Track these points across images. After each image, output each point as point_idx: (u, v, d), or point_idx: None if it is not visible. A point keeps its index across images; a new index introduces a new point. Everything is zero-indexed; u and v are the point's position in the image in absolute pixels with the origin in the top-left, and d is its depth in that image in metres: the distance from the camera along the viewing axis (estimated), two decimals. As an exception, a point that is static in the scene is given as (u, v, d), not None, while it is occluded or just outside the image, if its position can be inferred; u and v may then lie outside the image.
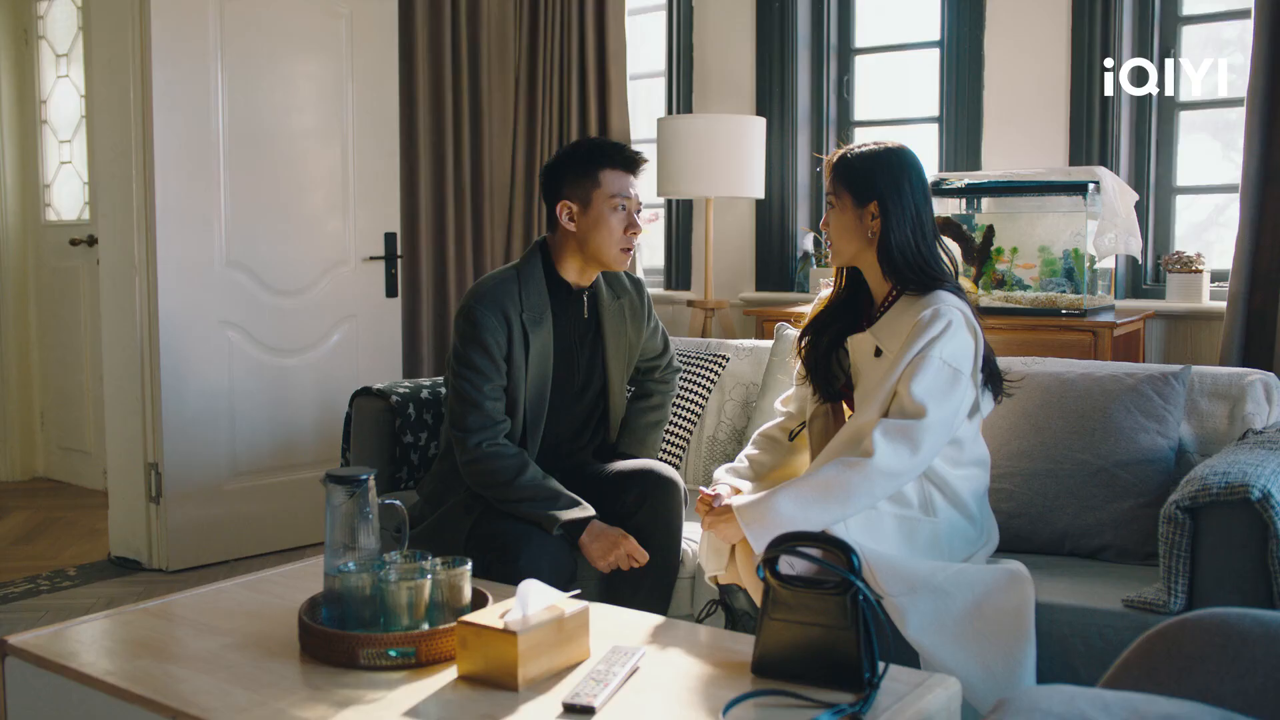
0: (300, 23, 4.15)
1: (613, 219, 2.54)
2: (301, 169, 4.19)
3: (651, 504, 2.49)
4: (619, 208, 2.54)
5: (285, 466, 4.16)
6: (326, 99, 4.25)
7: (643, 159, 2.60)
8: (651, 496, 2.50)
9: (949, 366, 2.15)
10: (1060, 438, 2.49)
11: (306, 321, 4.21)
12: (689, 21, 4.62)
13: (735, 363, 3.19)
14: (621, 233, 2.55)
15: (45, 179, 5.38)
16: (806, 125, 4.45)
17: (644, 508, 2.49)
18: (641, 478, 2.53)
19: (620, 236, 2.55)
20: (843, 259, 2.35)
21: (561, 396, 2.61)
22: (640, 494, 2.50)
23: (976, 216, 3.56)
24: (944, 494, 2.24)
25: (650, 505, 2.49)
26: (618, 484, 2.54)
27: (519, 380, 2.51)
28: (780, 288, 4.44)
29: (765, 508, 2.10)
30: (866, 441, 2.11)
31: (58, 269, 5.28)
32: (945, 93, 4.13)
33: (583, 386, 2.66)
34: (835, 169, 2.32)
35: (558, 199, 2.55)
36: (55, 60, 5.33)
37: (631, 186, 2.58)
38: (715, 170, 4.08)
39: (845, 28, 4.48)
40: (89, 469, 5.17)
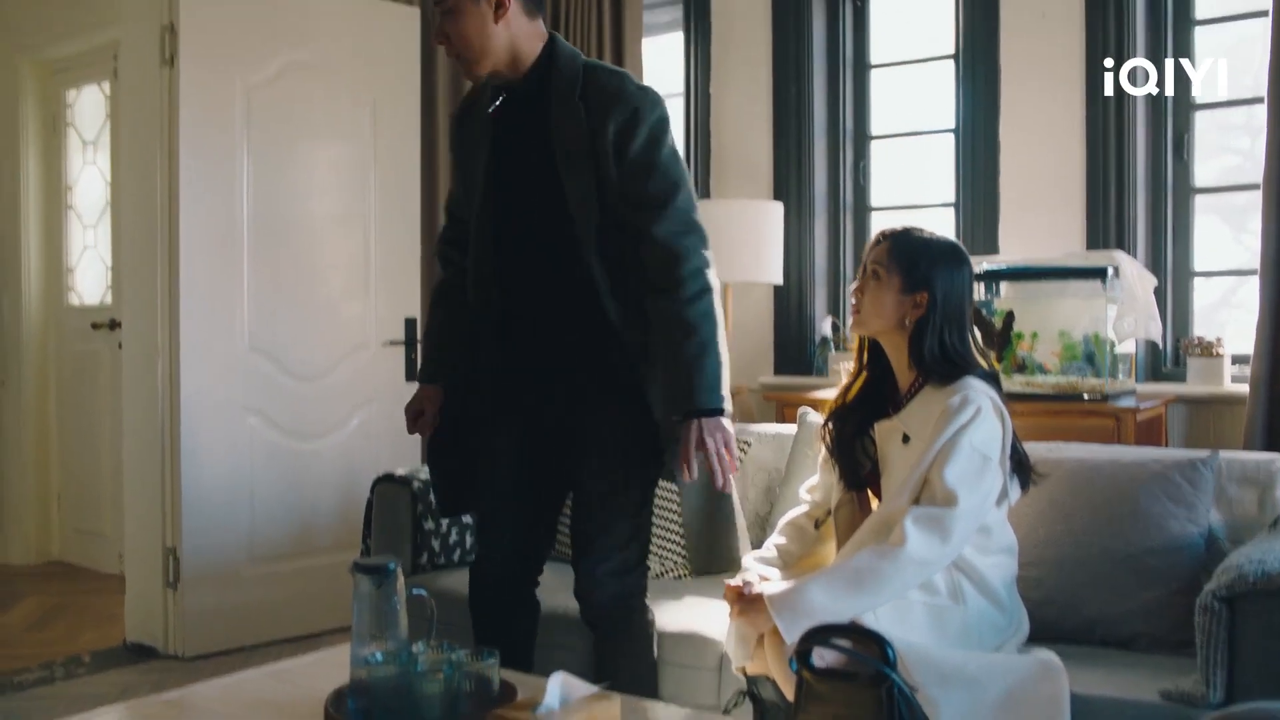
0: (325, 110, 4.22)
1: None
2: (323, 254, 4.23)
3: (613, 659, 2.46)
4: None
5: (304, 552, 4.14)
6: (349, 184, 4.30)
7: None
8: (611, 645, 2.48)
9: (979, 453, 2.15)
10: (1088, 524, 2.47)
11: (326, 406, 4.22)
12: (707, 107, 4.69)
13: (758, 448, 3.18)
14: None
15: (69, 263, 5.44)
16: (824, 210, 4.49)
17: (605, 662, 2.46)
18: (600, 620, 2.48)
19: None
20: (867, 330, 2.34)
21: (503, 206, 2.46)
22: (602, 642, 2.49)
23: (995, 301, 3.57)
24: (973, 582, 2.22)
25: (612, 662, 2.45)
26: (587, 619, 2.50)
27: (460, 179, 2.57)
28: (799, 372, 4.44)
29: (796, 597, 2.08)
30: (898, 530, 2.10)
31: (79, 352, 5.31)
32: (961, 178, 4.17)
33: (525, 193, 2.45)
34: (894, 244, 2.31)
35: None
36: (82, 147, 5.41)
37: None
38: (733, 255, 4.10)
39: (861, 114, 4.54)
40: (105, 553, 5.15)
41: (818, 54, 4.46)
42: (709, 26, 4.67)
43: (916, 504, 2.15)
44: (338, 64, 4.22)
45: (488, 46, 2.35)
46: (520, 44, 2.38)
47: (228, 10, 3.93)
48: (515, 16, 2.35)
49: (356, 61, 4.27)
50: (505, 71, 2.39)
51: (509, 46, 2.36)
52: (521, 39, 2.37)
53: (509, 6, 2.33)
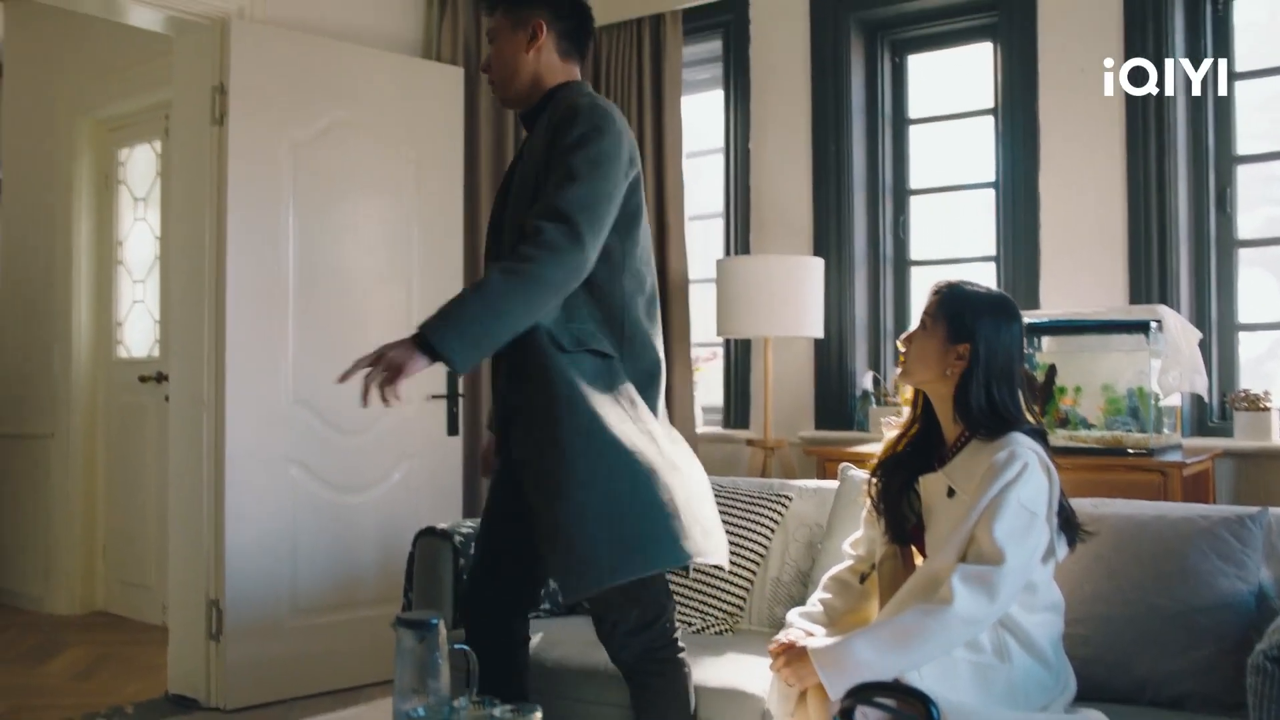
0: (369, 167, 4.29)
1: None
2: (367, 308, 4.28)
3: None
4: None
5: (346, 604, 4.15)
6: (393, 239, 4.36)
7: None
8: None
9: (1026, 510, 2.14)
10: (1135, 581, 2.44)
11: (369, 459, 4.25)
12: (746, 163, 4.72)
13: (799, 503, 3.17)
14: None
15: (118, 317, 5.54)
16: (864, 265, 4.50)
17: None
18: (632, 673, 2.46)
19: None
20: (913, 380, 2.35)
21: (495, 235, 2.58)
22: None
23: (1037, 355, 3.55)
24: (1019, 640, 2.20)
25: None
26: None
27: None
28: (840, 426, 4.43)
29: (842, 652, 2.07)
30: (944, 587, 2.08)
31: (126, 404, 5.39)
32: (1001, 232, 4.16)
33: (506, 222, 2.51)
34: (943, 296, 2.33)
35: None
36: (133, 204, 5.53)
37: (488, 27, 2.63)
38: (773, 310, 4.12)
39: (900, 169, 4.56)
40: (149, 604, 5.19)
41: (856, 110, 4.49)
42: (748, 84, 4.71)
43: (963, 561, 2.14)
44: (382, 122, 4.29)
45: (517, 73, 2.52)
46: (544, 78, 2.52)
47: (275, 71, 4.02)
48: (547, 51, 2.52)
49: (400, 119, 4.34)
50: (526, 102, 2.55)
51: (534, 77, 2.52)
52: (546, 73, 2.52)
53: (541, 38, 2.51)
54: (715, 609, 3.05)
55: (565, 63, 2.55)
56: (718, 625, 3.04)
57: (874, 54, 4.55)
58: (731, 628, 3.05)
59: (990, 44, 4.28)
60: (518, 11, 2.53)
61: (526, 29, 2.51)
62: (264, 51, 3.98)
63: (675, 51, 4.72)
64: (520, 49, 2.51)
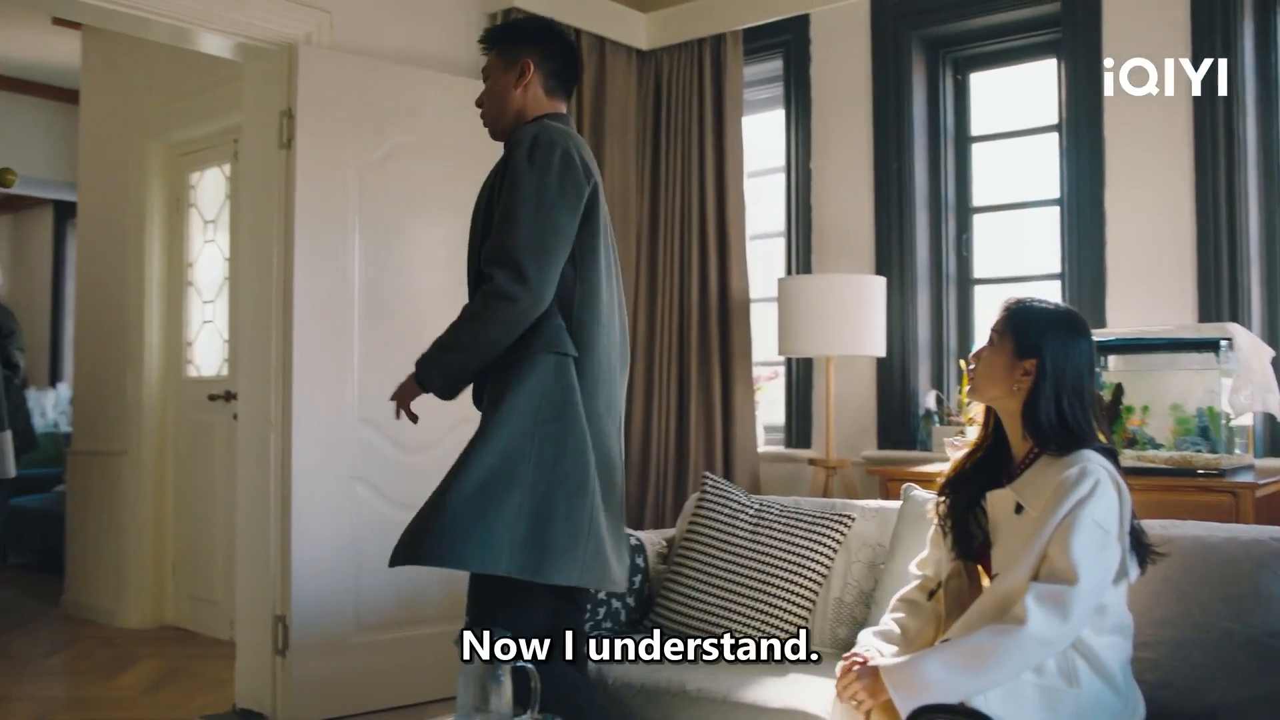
0: (432, 188, 4.34)
1: None
2: (430, 328, 4.25)
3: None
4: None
5: (409, 621, 4.18)
6: (455, 259, 4.36)
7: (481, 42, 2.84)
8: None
9: (1099, 528, 2.12)
10: (1204, 605, 2.40)
11: (432, 477, 4.20)
12: (807, 182, 4.72)
13: (861, 523, 3.15)
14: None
15: (188, 337, 5.65)
16: (926, 283, 4.47)
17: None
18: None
19: None
20: (980, 396, 2.35)
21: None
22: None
23: (1104, 374, 3.51)
24: (1089, 663, 2.16)
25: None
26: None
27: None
28: (903, 446, 4.40)
29: (913, 670, 2.06)
30: (1018, 607, 2.06)
31: (195, 422, 5.49)
32: (1067, 249, 4.12)
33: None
34: (1010, 311, 2.33)
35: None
36: (203, 226, 5.64)
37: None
38: (835, 329, 4.11)
39: (963, 186, 4.53)
40: (216, 619, 5.27)
41: (918, 128, 4.47)
42: (809, 103, 4.71)
43: (1036, 579, 2.12)
44: (445, 144, 4.34)
45: (504, 109, 2.73)
46: (528, 113, 2.72)
47: (341, 95, 4.08)
48: (534, 88, 2.73)
49: (462, 142, 4.38)
50: (506, 132, 2.72)
51: (518, 113, 2.72)
52: (531, 108, 2.72)
53: (529, 76, 2.70)
54: (777, 629, 3.03)
55: (550, 99, 2.74)
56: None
57: (936, 71, 4.53)
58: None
59: (1054, 60, 4.25)
60: (510, 51, 2.73)
61: (516, 68, 2.71)
62: (330, 77, 4.05)
63: (736, 71, 4.74)
64: (509, 86, 2.72)
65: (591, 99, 4.86)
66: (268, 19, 3.98)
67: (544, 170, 2.52)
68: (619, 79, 4.96)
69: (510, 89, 2.72)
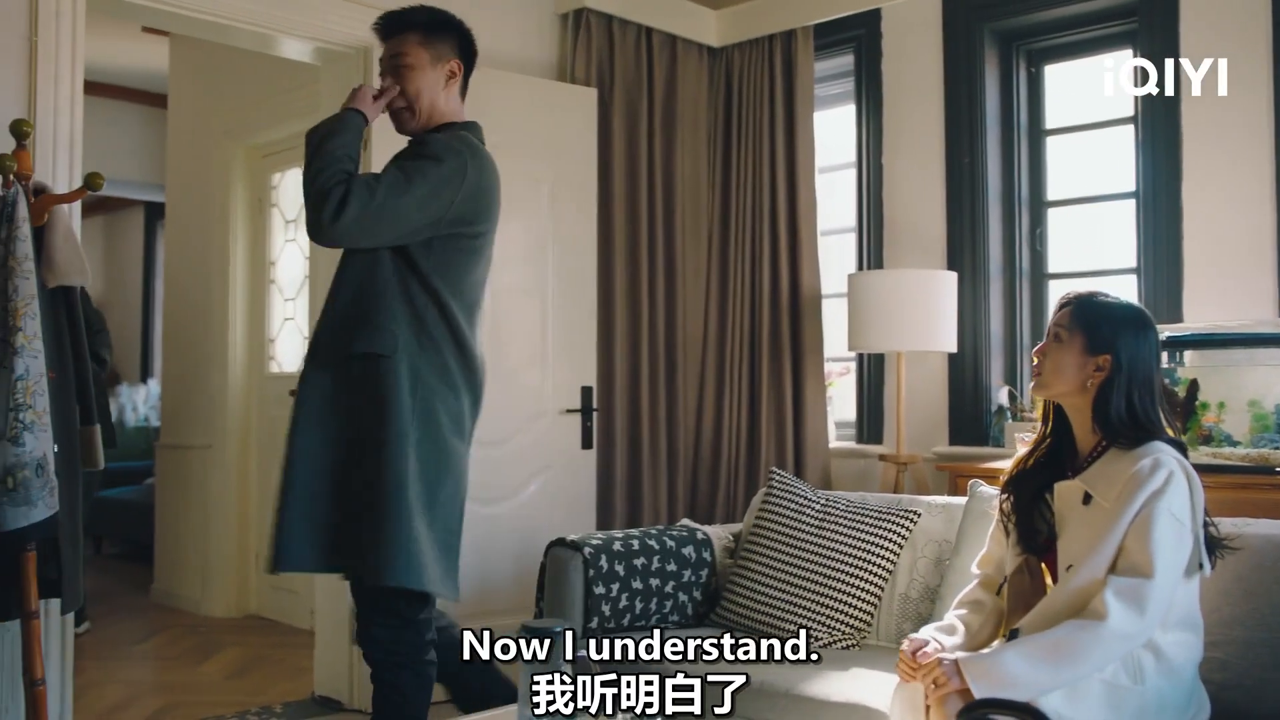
0: (505, 188, 4.32)
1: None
2: (504, 325, 4.39)
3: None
4: (380, 73, 2.84)
5: (482, 613, 4.24)
6: (528, 259, 4.47)
7: (384, 26, 2.82)
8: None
9: (1175, 520, 2.11)
10: (1276, 604, 2.36)
11: (505, 471, 4.35)
12: (879, 178, 4.70)
13: (927, 519, 3.15)
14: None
15: (270, 334, 5.79)
16: (999, 278, 4.43)
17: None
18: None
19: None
20: (1047, 392, 2.33)
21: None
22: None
23: (1179, 370, 3.46)
24: (1156, 660, 2.14)
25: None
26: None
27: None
28: (975, 442, 4.37)
29: (993, 663, 2.06)
30: (1097, 602, 2.06)
31: (277, 417, 5.61)
32: (1143, 243, 4.05)
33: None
34: (1077, 306, 2.32)
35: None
36: (284, 225, 5.78)
37: (385, 51, 2.83)
38: (906, 324, 4.09)
39: (1037, 181, 4.48)
40: (297, 608, 5.41)
41: (991, 121, 4.43)
42: (880, 97, 4.69)
43: (1112, 573, 2.11)
44: (518, 143, 4.40)
45: (433, 107, 2.79)
46: (441, 111, 2.79)
47: (417, 96, 4.16)
48: (455, 94, 2.84)
49: (536, 140, 4.45)
50: (420, 134, 2.78)
51: (441, 117, 2.79)
52: (449, 112, 2.80)
53: (457, 78, 2.80)
54: (842, 624, 3.04)
55: (460, 105, 2.86)
56: (844, 640, 3.04)
57: (1009, 64, 4.48)
58: (858, 643, 3.04)
59: (1129, 50, 4.18)
60: (438, 46, 2.76)
61: (444, 66, 2.77)
62: (405, 78, 4.13)
63: (807, 67, 4.73)
64: (440, 85, 2.79)
65: (663, 97, 4.89)
66: (343, 23, 4.07)
67: (448, 189, 2.63)
68: (690, 77, 4.99)
69: (440, 89, 2.79)
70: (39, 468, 2.83)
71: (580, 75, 4.65)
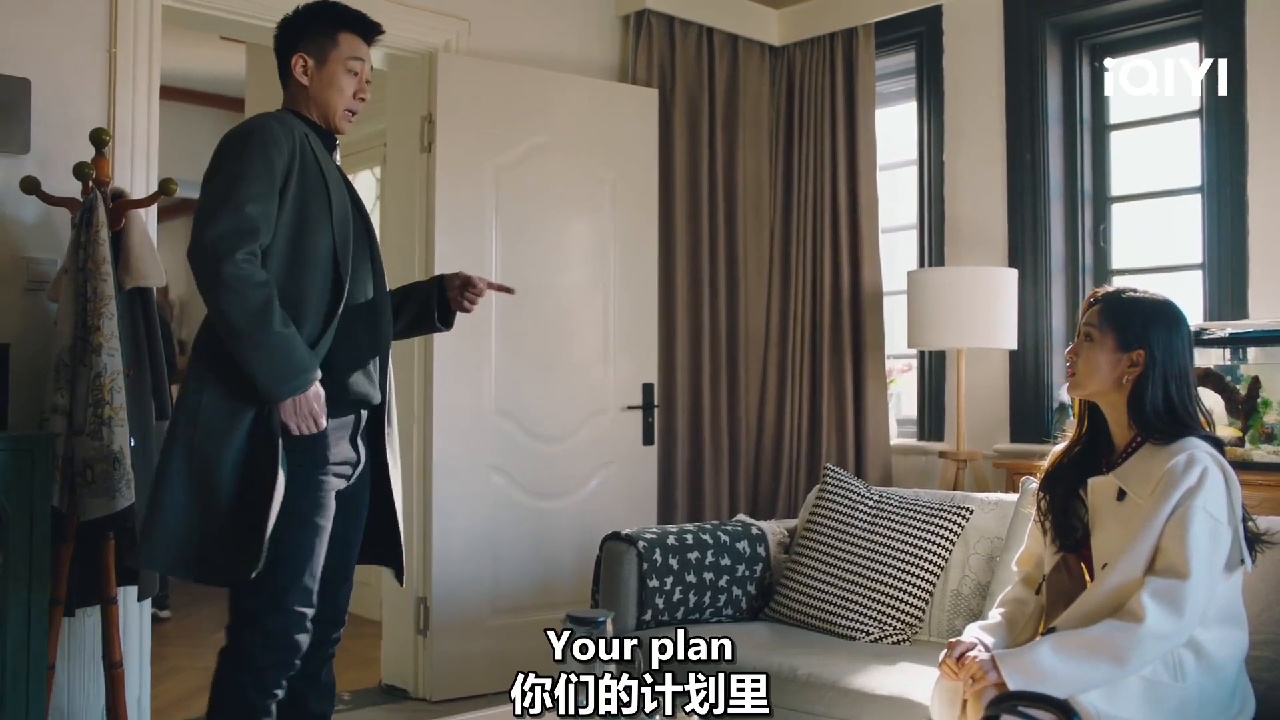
0: (567, 188, 4.48)
1: (345, 80, 2.62)
2: (566, 322, 4.47)
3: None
4: (353, 71, 2.63)
5: (543, 605, 4.33)
6: (590, 257, 4.54)
7: (381, 30, 2.69)
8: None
9: (1210, 517, 2.10)
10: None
11: (566, 467, 4.43)
12: (940, 175, 4.69)
13: (980, 516, 3.15)
14: (351, 96, 2.65)
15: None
16: (1061, 275, 4.41)
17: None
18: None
19: (349, 99, 2.65)
20: (1083, 392, 2.33)
21: (360, 259, 2.62)
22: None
23: (1241, 367, 3.42)
24: (1197, 657, 2.14)
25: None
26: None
27: (319, 217, 2.52)
28: (1036, 439, 4.34)
29: (1028, 658, 2.08)
30: (1134, 603, 2.07)
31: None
32: (1208, 239, 4.01)
33: (372, 254, 2.72)
34: (1106, 304, 2.32)
35: (292, 52, 2.64)
36: (356, 226, 5.90)
37: (367, 55, 2.67)
38: (966, 321, 4.09)
39: (1100, 176, 4.44)
40: (368, 600, 5.52)
41: (1053, 117, 4.41)
42: (941, 94, 4.69)
43: (1150, 572, 2.12)
44: (580, 144, 4.48)
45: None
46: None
47: (479, 99, 4.25)
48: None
49: (597, 141, 4.51)
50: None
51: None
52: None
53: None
54: (893, 619, 3.07)
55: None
56: (895, 635, 3.06)
57: (1071, 59, 4.45)
58: (909, 638, 3.06)
59: (1195, 44, 4.13)
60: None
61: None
62: (468, 82, 4.23)
63: (868, 65, 4.74)
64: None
65: (724, 97, 4.93)
66: (410, 29, 4.17)
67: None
68: (751, 75, 5.02)
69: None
70: (116, 461, 2.96)
71: (641, 76, 4.71)
